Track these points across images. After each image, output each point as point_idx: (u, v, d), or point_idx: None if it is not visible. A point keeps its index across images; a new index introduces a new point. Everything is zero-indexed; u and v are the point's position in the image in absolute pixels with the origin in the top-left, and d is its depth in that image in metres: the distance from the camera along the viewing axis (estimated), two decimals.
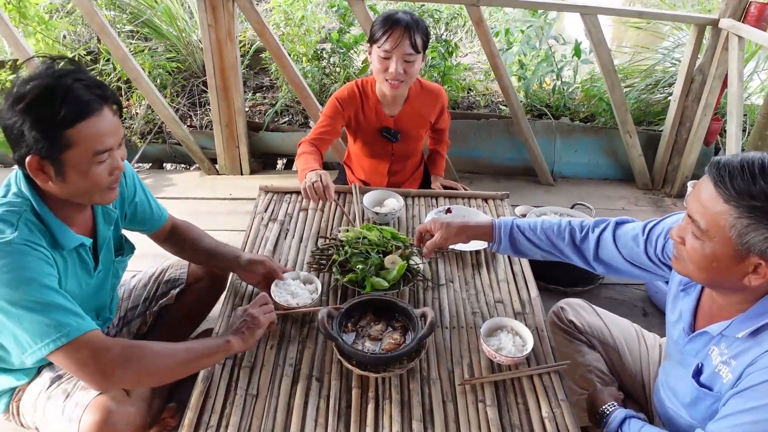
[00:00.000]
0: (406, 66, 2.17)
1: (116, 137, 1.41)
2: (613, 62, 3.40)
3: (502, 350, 1.59)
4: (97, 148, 1.36)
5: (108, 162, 1.41)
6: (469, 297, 1.88)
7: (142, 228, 1.86)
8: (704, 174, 1.19)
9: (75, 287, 1.54)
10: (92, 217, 1.62)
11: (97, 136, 1.35)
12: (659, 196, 3.82)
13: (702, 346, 1.35)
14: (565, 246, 1.69)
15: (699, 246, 1.20)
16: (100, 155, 1.37)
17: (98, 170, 1.39)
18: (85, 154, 1.35)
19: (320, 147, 2.35)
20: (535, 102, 4.11)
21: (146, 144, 3.82)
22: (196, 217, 3.28)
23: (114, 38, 3.16)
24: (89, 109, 1.33)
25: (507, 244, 1.72)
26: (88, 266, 1.59)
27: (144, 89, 3.42)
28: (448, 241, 1.73)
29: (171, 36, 4.16)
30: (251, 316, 1.56)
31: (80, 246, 1.52)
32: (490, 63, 3.43)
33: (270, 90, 4.24)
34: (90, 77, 1.38)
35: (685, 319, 1.41)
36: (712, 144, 3.72)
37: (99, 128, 1.35)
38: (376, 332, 1.64)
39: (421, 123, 2.48)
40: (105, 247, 1.65)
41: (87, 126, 1.33)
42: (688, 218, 1.22)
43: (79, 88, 1.32)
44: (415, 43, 2.14)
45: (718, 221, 1.14)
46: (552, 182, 3.88)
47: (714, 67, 3.33)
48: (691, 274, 1.28)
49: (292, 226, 2.17)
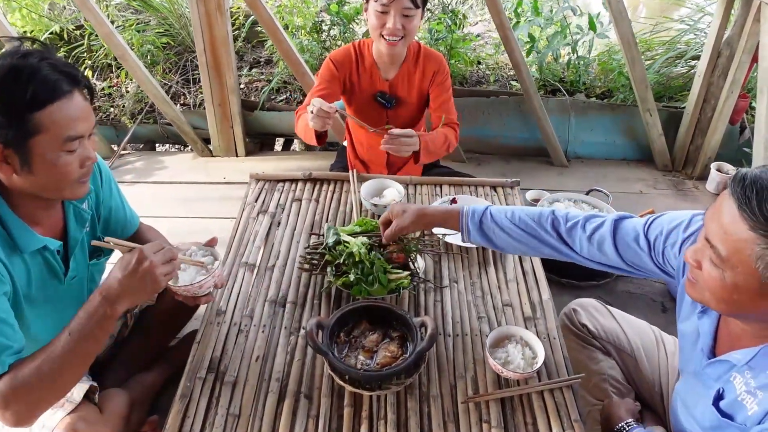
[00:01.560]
0: (405, 21, 2.04)
1: (88, 123, 1.29)
2: (634, 35, 3.18)
3: (510, 364, 1.45)
4: (67, 133, 1.24)
5: (78, 151, 1.29)
6: (475, 300, 1.71)
7: (113, 235, 1.71)
8: (726, 190, 1.00)
9: (41, 294, 1.43)
10: (63, 217, 1.49)
11: (67, 120, 1.23)
12: (680, 178, 3.61)
13: (723, 371, 1.19)
14: (548, 236, 1.47)
15: (718, 275, 1.02)
16: (71, 142, 1.25)
17: (68, 160, 1.27)
18: (55, 140, 1.23)
19: None
20: (549, 77, 3.89)
21: (137, 124, 3.64)
22: (187, 203, 3.19)
23: (97, 13, 2.97)
24: (59, 91, 1.21)
25: (477, 234, 1.52)
26: (56, 271, 1.46)
27: (131, 67, 3.23)
28: (404, 229, 1.59)
29: (162, 8, 3.95)
30: (143, 257, 1.28)
31: (44, 249, 1.39)
32: (500, 35, 3.22)
33: (267, 65, 4.03)
34: (59, 58, 1.26)
35: (705, 341, 1.25)
36: (737, 123, 3.50)
37: (69, 112, 1.24)
38: (370, 343, 1.49)
39: (417, 89, 2.31)
40: (78, 250, 1.52)
41: (57, 109, 1.21)
42: (706, 241, 1.04)
43: (47, 68, 1.20)
44: None
45: (742, 250, 0.96)
46: (566, 163, 3.68)
47: (744, 41, 3.09)
48: (708, 302, 1.10)
49: (284, 218, 2.01)
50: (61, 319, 1.29)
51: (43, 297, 1.43)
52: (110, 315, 1.26)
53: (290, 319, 1.62)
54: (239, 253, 1.85)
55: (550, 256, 1.51)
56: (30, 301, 1.40)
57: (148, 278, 1.26)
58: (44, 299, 1.44)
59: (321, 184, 2.18)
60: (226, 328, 1.59)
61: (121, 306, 1.27)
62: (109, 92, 3.78)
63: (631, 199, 3.29)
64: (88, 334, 1.24)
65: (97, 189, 1.59)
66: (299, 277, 1.76)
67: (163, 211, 3.03)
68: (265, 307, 1.66)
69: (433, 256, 1.83)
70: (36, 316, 1.43)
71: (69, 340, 1.23)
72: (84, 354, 1.27)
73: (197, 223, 2.96)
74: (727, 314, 1.14)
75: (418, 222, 1.57)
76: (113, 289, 1.25)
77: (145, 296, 1.31)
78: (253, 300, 1.68)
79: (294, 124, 2.28)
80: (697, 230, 1.26)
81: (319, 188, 2.16)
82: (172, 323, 1.99)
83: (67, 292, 1.51)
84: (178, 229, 2.87)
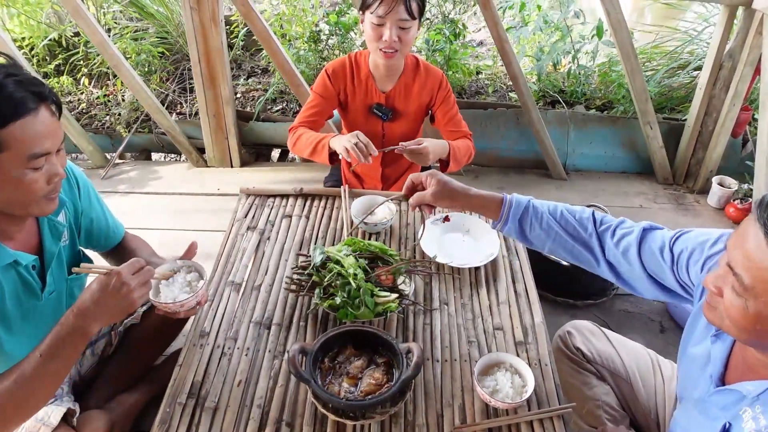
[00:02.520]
0: (401, 33, 2.00)
1: (55, 140, 1.25)
2: (633, 46, 3.13)
3: (499, 393, 1.41)
4: (32, 151, 1.20)
5: (45, 168, 1.25)
6: (465, 323, 1.67)
7: (97, 245, 1.69)
8: (750, 216, 0.95)
9: (17, 311, 1.39)
10: (37, 231, 1.44)
11: (32, 137, 1.19)
12: (681, 191, 3.56)
13: (732, 403, 1.13)
14: (586, 235, 1.44)
15: (740, 304, 0.97)
16: (36, 160, 1.21)
17: (34, 177, 1.23)
18: (19, 158, 1.19)
19: (312, 129, 2.22)
20: (548, 87, 3.84)
21: (132, 134, 3.61)
22: (180, 214, 3.16)
23: (91, 22, 2.94)
24: (23, 108, 1.17)
25: (515, 226, 1.49)
26: (32, 287, 1.42)
27: (125, 77, 3.20)
28: (439, 201, 1.52)
29: (160, 16, 3.92)
30: (120, 280, 1.25)
31: (16, 264, 1.35)
32: (497, 48, 3.18)
33: (265, 74, 4.00)
34: (25, 74, 1.21)
35: (715, 367, 1.19)
36: (740, 136, 3.45)
37: (35, 129, 1.20)
38: (355, 369, 1.44)
39: (416, 103, 2.27)
40: (54, 265, 1.48)
41: (21, 126, 1.17)
42: (728, 268, 0.98)
43: (11, 85, 1.16)
44: (411, 8, 1.97)
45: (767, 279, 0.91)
46: (565, 176, 3.63)
47: (746, 53, 3.04)
48: (728, 330, 1.05)
49: (273, 235, 1.97)
50: (39, 336, 1.26)
51: (20, 313, 1.39)
52: (83, 335, 1.24)
53: (275, 341, 1.58)
54: (226, 271, 1.81)
55: (576, 258, 1.49)
56: (4, 318, 1.36)
57: (124, 301, 1.25)
58: (21, 316, 1.40)
59: (312, 200, 2.14)
60: (209, 351, 1.55)
61: (95, 327, 1.24)
62: (105, 101, 3.75)
63: (631, 213, 3.24)
64: (59, 355, 1.22)
65: (75, 200, 1.55)
66: (286, 297, 1.72)
67: (155, 223, 3.00)
68: (250, 329, 1.62)
69: (423, 277, 1.79)
70: (11, 334, 1.39)
71: (40, 361, 1.21)
72: (54, 374, 1.24)
73: (189, 235, 2.91)
74: (747, 343, 1.09)
75: (457, 199, 1.51)
76: (87, 309, 1.23)
77: (119, 317, 1.28)
78: (238, 321, 1.64)
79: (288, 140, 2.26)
80: (721, 250, 1.22)
81: (310, 204, 2.12)
82: (158, 341, 1.94)
83: (45, 308, 1.47)
84: (169, 241, 2.84)
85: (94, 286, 1.26)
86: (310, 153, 2.16)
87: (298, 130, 2.22)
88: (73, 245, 1.58)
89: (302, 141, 2.17)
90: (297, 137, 2.21)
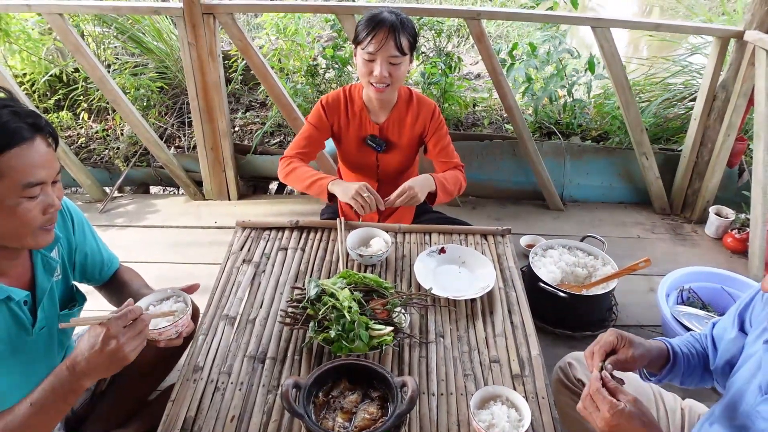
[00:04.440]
0: (392, 69, 2.04)
1: (50, 170, 1.26)
2: (627, 78, 3.17)
3: (495, 427, 1.37)
4: (27, 180, 1.20)
5: (41, 198, 1.25)
6: (461, 355, 1.64)
7: (92, 279, 1.68)
8: None
9: (8, 347, 1.36)
10: (30, 266, 1.44)
11: (27, 167, 1.20)
12: (678, 221, 3.56)
13: None
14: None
15: None
16: (30, 189, 1.22)
17: (28, 207, 1.23)
18: (13, 187, 1.19)
19: (304, 161, 2.26)
20: (544, 119, 3.87)
21: (130, 167, 3.62)
22: (177, 247, 3.15)
23: (90, 58, 2.98)
24: (18, 138, 1.18)
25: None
26: (23, 322, 1.40)
27: (123, 112, 3.23)
28: (635, 363, 1.38)
29: (160, 52, 3.97)
30: (110, 336, 1.21)
31: (8, 300, 1.34)
32: (492, 81, 3.22)
33: (263, 107, 4.04)
34: (21, 106, 1.23)
35: (765, 374, 1.16)
36: (735, 166, 3.46)
37: (30, 159, 1.21)
38: (349, 404, 1.41)
39: (408, 135, 2.29)
40: (46, 300, 1.46)
41: (15, 155, 1.18)
42: None
43: (7, 115, 1.18)
44: (401, 45, 2.00)
45: None
46: (561, 207, 3.63)
47: (739, 84, 3.07)
48: None
49: (268, 268, 1.95)
50: (30, 372, 1.25)
51: (10, 350, 1.37)
52: (75, 390, 1.22)
53: (269, 376, 1.55)
54: (221, 305, 1.79)
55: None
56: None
57: (116, 357, 1.21)
58: (11, 352, 1.38)
59: (308, 232, 2.13)
60: (202, 386, 1.52)
61: (88, 381, 1.22)
62: (104, 135, 3.78)
63: (629, 244, 3.23)
64: (50, 407, 1.20)
65: (69, 235, 1.55)
66: (280, 331, 1.69)
67: (152, 256, 2.99)
68: (244, 363, 1.59)
69: (419, 309, 1.78)
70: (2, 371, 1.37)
71: (30, 411, 1.19)
72: (43, 425, 1.22)
73: (185, 268, 2.91)
74: None
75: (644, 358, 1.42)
76: (80, 365, 1.20)
77: (113, 371, 1.25)
78: (232, 355, 1.62)
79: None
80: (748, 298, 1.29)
81: (306, 236, 2.11)
82: (152, 376, 1.91)
83: (35, 344, 1.45)
84: (167, 274, 2.83)
85: (84, 341, 1.22)
86: (305, 188, 2.19)
87: (292, 162, 2.24)
88: (66, 281, 1.56)
89: (296, 175, 2.20)
90: (291, 169, 2.22)
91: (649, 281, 2.93)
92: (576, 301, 2.43)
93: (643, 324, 2.66)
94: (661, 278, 2.61)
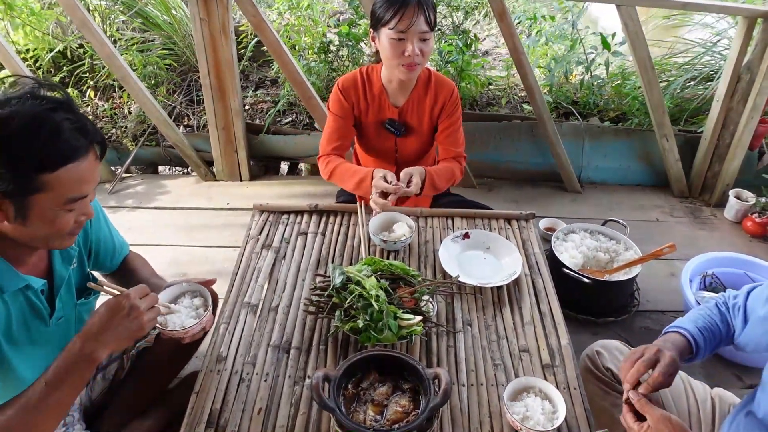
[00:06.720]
0: (422, 45, 1.97)
1: (94, 184, 1.25)
2: (651, 59, 3.08)
3: (530, 420, 1.35)
4: (72, 195, 1.20)
5: (78, 208, 1.24)
6: (490, 344, 1.61)
7: (103, 266, 1.65)
8: None
9: (25, 336, 1.34)
10: (48, 255, 1.41)
11: (74, 182, 1.19)
12: (697, 205, 3.50)
13: None
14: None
15: None
16: (73, 203, 1.20)
17: (66, 218, 1.23)
18: (57, 200, 1.19)
19: (341, 155, 2.23)
20: (561, 98, 3.79)
21: (139, 147, 3.55)
22: (189, 230, 3.09)
23: (98, 34, 2.89)
24: (74, 156, 1.17)
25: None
26: (41, 312, 1.37)
27: (132, 90, 3.15)
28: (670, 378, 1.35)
29: (167, 27, 3.88)
30: (130, 302, 1.26)
31: (26, 288, 1.31)
32: (513, 59, 3.13)
33: (273, 85, 3.95)
34: (79, 115, 1.20)
35: None
36: (756, 148, 3.39)
37: (79, 174, 1.19)
38: (380, 396, 1.38)
39: (428, 117, 2.23)
40: (63, 290, 1.43)
41: (65, 172, 1.17)
42: None
43: (69, 130, 1.15)
44: (430, 19, 1.95)
45: None
46: (579, 189, 3.57)
47: (765, 65, 2.99)
48: None
49: (288, 253, 1.91)
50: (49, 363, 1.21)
51: (28, 339, 1.35)
52: (90, 361, 1.21)
53: (294, 366, 1.52)
54: (241, 292, 1.75)
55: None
56: (12, 343, 1.31)
57: (134, 324, 1.24)
58: (29, 341, 1.35)
59: (328, 216, 2.08)
60: (227, 377, 1.49)
61: (103, 352, 1.22)
62: (111, 113, 3.70)
63: (648, 228, 3.18)
64: (65, 383, 1.19)
65: (86, 225, 1.51)
66: (304, 319, 1.65)
67: (164, 239, 2.94)
68: (268, 353, 1.55)
69: (445, 297, 1.73)
70: (22, 359, 1.34)
71: (44, 390, 1.18)
72: (59, 404, 1.21)
73: (199, 251, 2.86)
74: None
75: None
76: (95, 333, 1.21)
77: (127, 342, 1.26)
78: (256, 345, 1.58)
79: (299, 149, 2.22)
80: None
81: (325, 220, 2.06)
82: (171, 365, 1.87)
83: (54, 334, 1.42)
84: (180, 258, 2.79)
85: (101, 309, 1.24)
86: (351, 191, 2.16)
87: (330, 160, 2.19)
88: (82, 269, 1.53)
89: (338, 175, 2.16)
90: (333, 167, 2.18)
91: (670, 266, 2.88)
92: (600, 286, 2.39)
93: (665, 310, 2.62)
94: (681, 263, 2.56)
